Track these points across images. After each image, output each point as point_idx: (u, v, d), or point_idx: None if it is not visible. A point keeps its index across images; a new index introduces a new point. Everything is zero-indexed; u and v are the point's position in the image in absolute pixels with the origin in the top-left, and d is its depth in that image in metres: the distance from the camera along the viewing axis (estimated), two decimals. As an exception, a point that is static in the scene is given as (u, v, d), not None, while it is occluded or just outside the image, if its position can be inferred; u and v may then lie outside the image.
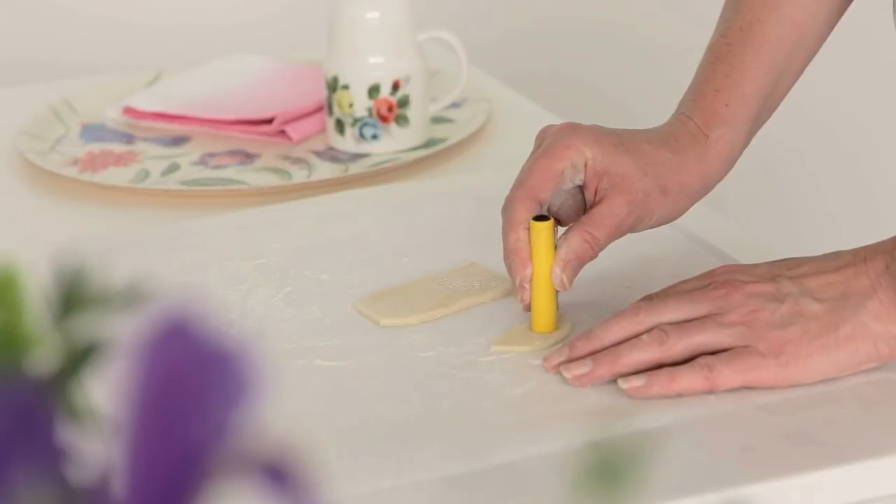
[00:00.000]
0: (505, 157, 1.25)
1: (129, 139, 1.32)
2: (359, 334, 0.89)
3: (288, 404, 0.79)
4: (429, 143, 1.26)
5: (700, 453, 0.75)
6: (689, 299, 0.81)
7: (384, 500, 0.72)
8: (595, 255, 0.86)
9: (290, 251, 1.01)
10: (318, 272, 0.98)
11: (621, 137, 0.89)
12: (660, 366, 0.79)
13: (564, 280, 0.85)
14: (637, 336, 0.80)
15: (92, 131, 1.33)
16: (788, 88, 0.96)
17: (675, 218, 0.91)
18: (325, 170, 1.22)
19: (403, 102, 1.24)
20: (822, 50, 0.98)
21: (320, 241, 1.03)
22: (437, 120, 1.30)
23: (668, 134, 0.91)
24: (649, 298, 0.83)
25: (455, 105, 1.33)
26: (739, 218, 1.15)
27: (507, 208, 0.87)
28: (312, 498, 0.33)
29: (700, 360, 0.79)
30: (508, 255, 0.86)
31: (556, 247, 0.85)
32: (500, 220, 1.05)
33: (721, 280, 0.81)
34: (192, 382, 0.32)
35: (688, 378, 0.78)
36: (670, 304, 0.81)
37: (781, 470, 0.73)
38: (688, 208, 0.91)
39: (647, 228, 0.90)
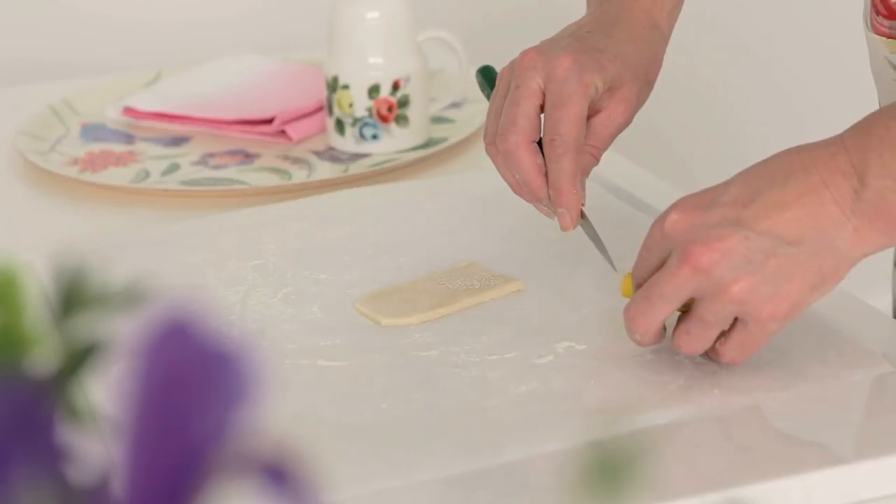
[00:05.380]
0: (505, 156, 1.25)
1: (129, 139, 1.32)
2: (360, 334, 0.89)
3: (291, 404, 0.79)
4: (429, 143, 1.26)
5: (700, 453, 0.75)
6: (671, 293, 0.76)
7: (386, 499, 0.72)
8: (597, 163, 0.92)
9: (289, 251, 1.01)
10: (318, 272, 0.98)
11: (600, 52, 0.90)
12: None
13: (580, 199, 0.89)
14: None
15: (92, 131, 1.33)
16: None
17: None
18: (325, 170, 1.22)
19: (403, 102, 1.24)
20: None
21: (320, 241, 1.03)
22: (437, 120, 1.30)
23: (629, 30, 0.93)
24: (634, 306, 0.79)
25: (455, 105, 1.33)
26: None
27: (563, 163, 0.87)
28: (313, 498, 0.33)
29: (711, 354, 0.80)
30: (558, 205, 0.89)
31: None
32: (499, 219, 1.06)
33: (687, 253, 0.75)
34: (192, 382, 0.32)
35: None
36: (658, 309, 0.77)
37: (781, 470, 0.73)
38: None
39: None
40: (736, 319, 0.76)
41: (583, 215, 0.90)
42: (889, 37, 0.94)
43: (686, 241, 0.75)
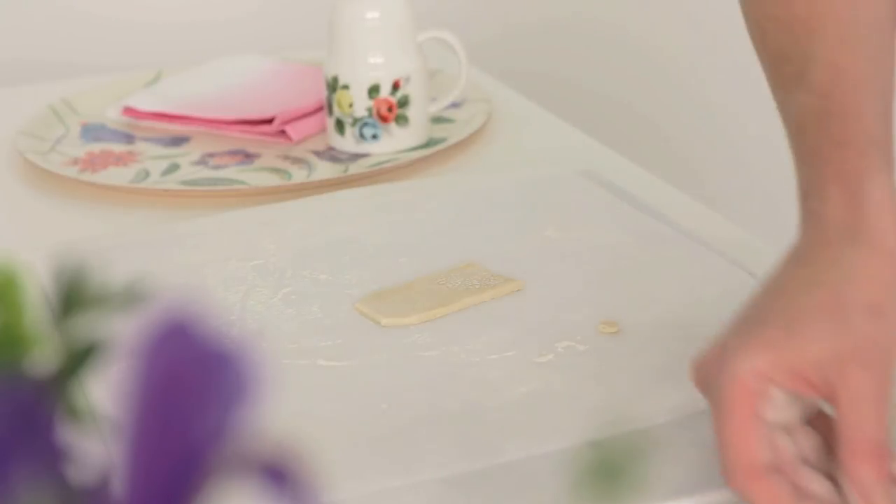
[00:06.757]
0: (505, 157, 1.25)
1: (129, 139, 1.32)
2: (360, 334, 0.89)
3: (291, 404, 0.79)
4: (429, 143, 1.26)
5: (700, 453, 0.74)
6: None
7: (386, 499, 0.72)
8: (885, 452, 0.64)
9: (289, 251, 1.01)
10: (318, 272, 0.98)
11: (774, 314, 0.66)
12: None
13: None
14: None
15: (92, 131, 1.33)
16: None
17: None
18: (325, 170, 1.22)
19: (403, 102, 1.24)
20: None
21: (319, 241, 1.03)
22: (437, 120, 1.30)
23: (803, 249, 0.68)
24: None
25: (455, 105, 1.33)
26: (733, 217, 1.16)
27: (746, 496, 0.66)
28: (313, 498, 0.33)
29: None
30: None
31: None
32: (499, 219, 1.05)
33: None
34: (192, 382, 0.32)
35: None
36: None
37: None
38: None
39: None
40: None
41: None
42: None
43: None
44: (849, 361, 0.63)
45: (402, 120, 1.24)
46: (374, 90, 1.23)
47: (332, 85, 1.25)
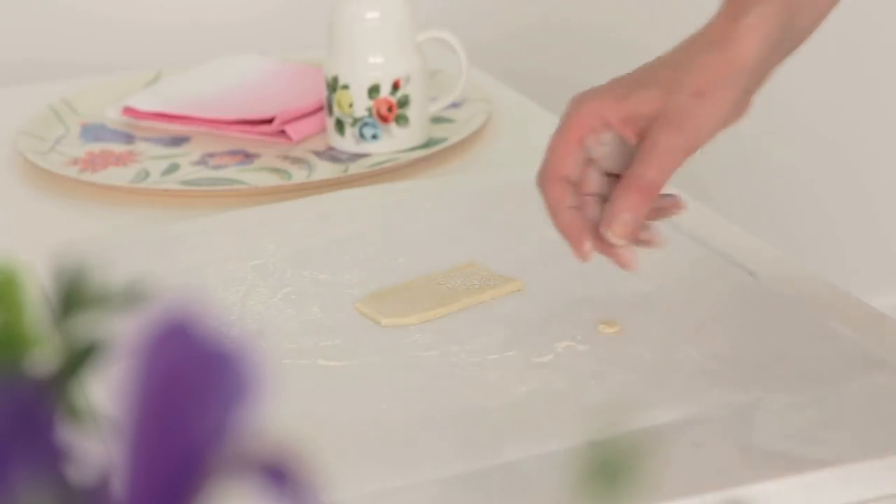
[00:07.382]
0: (505, 157, 1.25)
1: (129, 139, 1.32)
2: (360, 334, 0.89)
3: (291, 404, 0.79)
4: (429, 143, 1.26)
5: (700, 453, 0.74)
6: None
7: (386, 499, 0.72)
8: (652, 195, 0.82)
9: (289, 251, 1.01)
10: (318, 272, 0.98)
11: (632, 78, 0.85)
12: None
13: (611, 236, 0.83)
14: None
15: (92, 131, 1.33)
16: None
17: (736, 116, 0.84)
18: (325, 170, 1.22)
19: (403, 102, 1.24)
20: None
21: (320, 241, 1.03)
22: (437, 120, 1.30)
23: (682, 44, 0.85)
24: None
25: (455, 105, 1.33)
26: (730, 214, 1.15)
27: (542, 194, 0.86)
28: (313, 498, 0.33)
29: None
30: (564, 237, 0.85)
31: None
32: (499, 219, 1.05)
33: None
34: (192, 382, 0.32)
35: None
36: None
37: (781, 470, 0.73)
38: (740, 99, 0.82)
39: (710, 139, 0.84)
40: None
41: None
42: None
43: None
44: (664, 120, 0.81)
45: (402, 120, 1.24)
46: (374, 90, 1.23)
47: (332, 85, 1.25)
